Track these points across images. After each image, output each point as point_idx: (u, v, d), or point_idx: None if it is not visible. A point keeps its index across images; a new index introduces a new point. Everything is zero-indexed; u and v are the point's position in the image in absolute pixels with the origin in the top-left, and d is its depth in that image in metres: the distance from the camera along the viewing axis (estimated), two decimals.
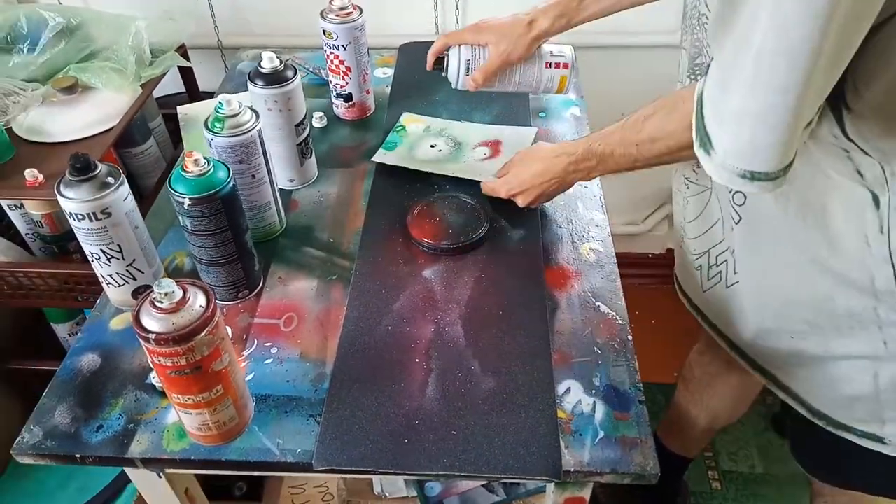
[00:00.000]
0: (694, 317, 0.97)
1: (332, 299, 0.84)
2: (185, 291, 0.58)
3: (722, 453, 1.50)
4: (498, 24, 0.93)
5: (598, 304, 0.82)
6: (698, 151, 0.61)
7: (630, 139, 0.75)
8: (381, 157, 1.02)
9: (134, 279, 0.80)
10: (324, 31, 1.05)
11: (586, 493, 0.74)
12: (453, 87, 0.97)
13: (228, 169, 0.75)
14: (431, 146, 1.05)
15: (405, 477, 1.06)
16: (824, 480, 0.94)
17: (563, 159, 0.84)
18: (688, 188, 0.89)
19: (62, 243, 1.16)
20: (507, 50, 0.92)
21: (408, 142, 1.06)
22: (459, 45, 0.94)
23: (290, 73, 0.91)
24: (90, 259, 0.78)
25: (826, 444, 0.84)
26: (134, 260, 0.78)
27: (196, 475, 0.86)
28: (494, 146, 1.04)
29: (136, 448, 0.69)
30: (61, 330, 1.35)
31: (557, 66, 0.95)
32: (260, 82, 0.90)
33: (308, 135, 0.98)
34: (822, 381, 0.80)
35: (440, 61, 0.96)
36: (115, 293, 0.82)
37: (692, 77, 0.79)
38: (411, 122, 1.10)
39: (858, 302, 0.70)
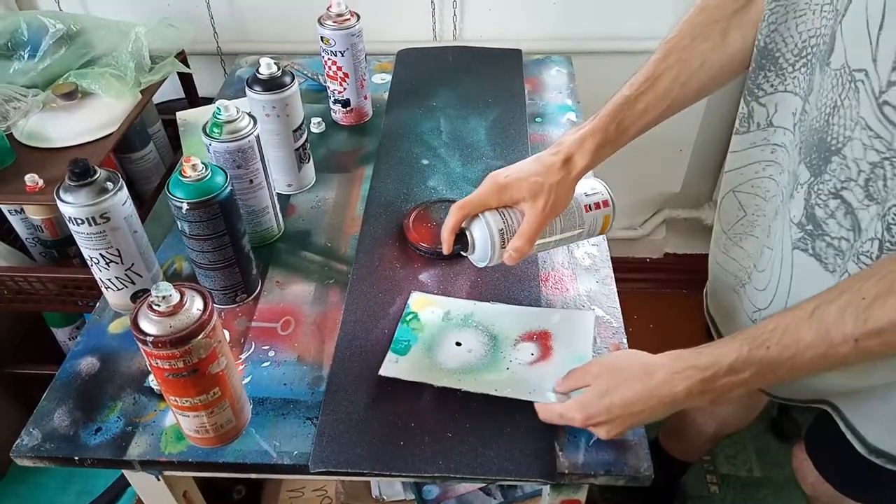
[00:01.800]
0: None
1: (329, 303, 0.84)
2: (182, 295, 0.59)
3: (720, 457, 1.50)
4: (524, 175, 0.74)
5: (593, 307, 0.83)
6: None
7: (840, 334, 0.54)
8: (392, 368, 0.74)
9: (132, 283, 0.81)
10: (321, 38, 1.06)
11: (581, 496, 0.75)
12: (482, 266, 0.78)
13: (226, 174, 0.76)
14: (457, 344, 0.78)
15: (402, 479, 1.07)
16: (854, 499, 0.87)
17: (689, 377, 0.60)
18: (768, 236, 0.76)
19: (62, 248, 1.17)
20: (548, 203, 0.73)
21: (424, 339, 0.78)
22: (483, 214, 0.75)
23: (287, 79, 0.92)
24: (89, 263, 0.78)
25: (869, 473, 0.76)
26: (132, 264, 0.79)
27: (195, 478, 0.86)
28: (543, 341, 0.78)
29: (135, 450, 0.69)
30: (61, 334, 1.35)
31: (598, 206, 0.79)
32: (258, 88, 0.91)
33: (306, 140, 0.99)
34: (890, 417, 0.72)
35: (460, 239, 0.77)
36: (114, 297, 0.82)
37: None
38: (425, 307, 0.83)
39: None
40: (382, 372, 0.74)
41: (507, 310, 0.82)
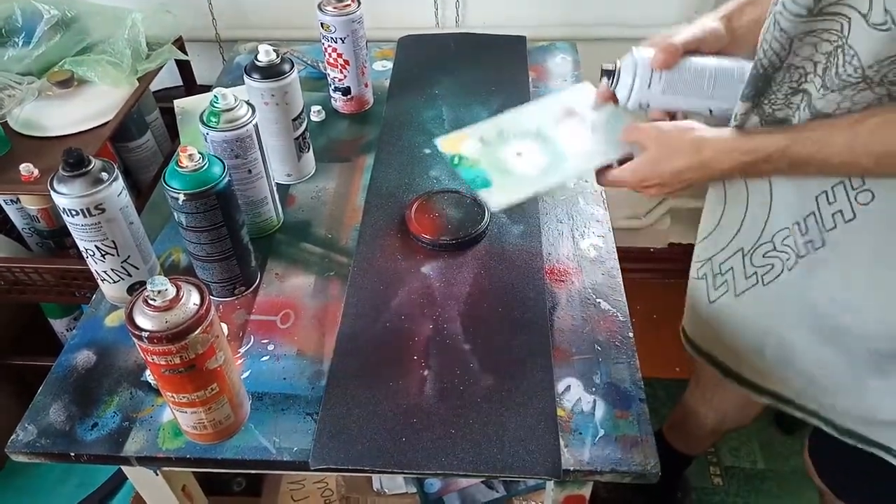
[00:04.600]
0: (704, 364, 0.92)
1: (329, 296, 0.83)
2: (178, 289, 0.58)
3: (723, 448, 1.49)
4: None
5: (598, 300, 0.81)
6: None
7: (865, 147, 0.58)
8: (495, 199, 0.77)
9: (129, 275, 0.79)
10: (321, 24, 1.04)
11: (586, 491, 0.73)
12: (637, 93, 0.76)
13: (224, 164, 0.74)
14: (518, 154, 0.80)
15: (404, 475, 1.06)
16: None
17: (733, 158, 0.66)
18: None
19: (59, 238, 1.15)
20: (696, 30, 0.75)
21: (491, 164, 0.79)
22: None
23: (286, 67, 0.90)
24: (85, 255, 0.77)
25: (873, 483, 0.79)
26: (129, 256, 0.77)
27: (194, 472, 0.85)
28: (570, 115, 0.82)
29: (132, 446, 0.68)
30: (59, 325, 1.34)
31: None
32: (256, 76, 0.89)
33: (305, 129, 0.97)
34: (854, 407, 0.75)
35: (608, 73, 0.78)
36: (111, 289, 0.81)
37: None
38: (459, 144, 0.82)
39: None
40: (494, 207, 0.79)
41: (521, 111, 0.85)
